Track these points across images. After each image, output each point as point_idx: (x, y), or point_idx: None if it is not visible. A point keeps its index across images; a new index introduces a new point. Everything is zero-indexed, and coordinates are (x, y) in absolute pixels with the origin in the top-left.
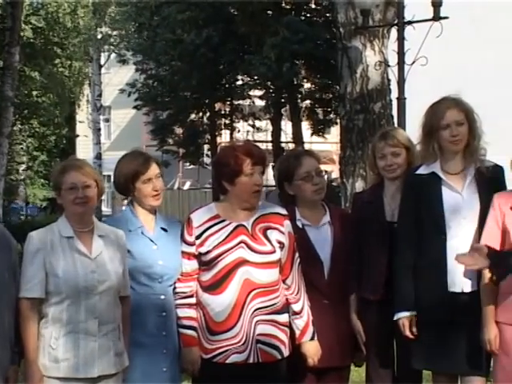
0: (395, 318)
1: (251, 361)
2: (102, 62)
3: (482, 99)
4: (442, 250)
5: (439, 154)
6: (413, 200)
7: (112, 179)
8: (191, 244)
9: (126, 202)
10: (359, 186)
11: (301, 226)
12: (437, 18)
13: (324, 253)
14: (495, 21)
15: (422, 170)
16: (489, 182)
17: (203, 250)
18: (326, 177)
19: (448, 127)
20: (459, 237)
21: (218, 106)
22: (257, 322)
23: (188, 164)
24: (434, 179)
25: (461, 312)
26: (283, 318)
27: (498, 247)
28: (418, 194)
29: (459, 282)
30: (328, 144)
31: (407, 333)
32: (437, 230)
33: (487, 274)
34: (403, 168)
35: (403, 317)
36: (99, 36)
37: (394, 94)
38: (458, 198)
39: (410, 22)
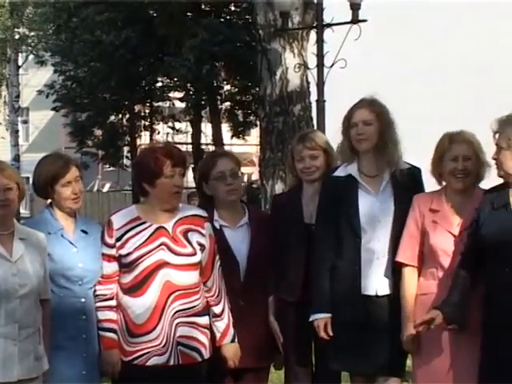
0: (311, 319)
1: (171, 363)
2: (20, 62)
3: (401, 100)
4: (356, 252)
5: (357, 157)
6: (330, 202)
7: (31, 181)
8: (111, 246)
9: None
10: (279, 187)
11: (218, 227)
12: (355, 20)
13: (241, 254)
14: (414, 22)
15: (339, 172)
16: (405, 184)
17: (124, 252)
18: (245, 178)
19: (355, 126)
20: (374, 240)
21: (137, 107)
22: (177, 324)
23: (107, 166)
24: (350, 182)
25: (375, 315)
26: (204, 320)
27: (417, 248)
28: (335, 196)
29: (373, 285)
30: (248, 146)
31: (322, 334)
32: (352, 233)
33: (406, 277)
34: (321, 170)
35: (318, 318)
36: (17, 36)
37: (314, 97)
38: (374, 201)
39: (328, 25)
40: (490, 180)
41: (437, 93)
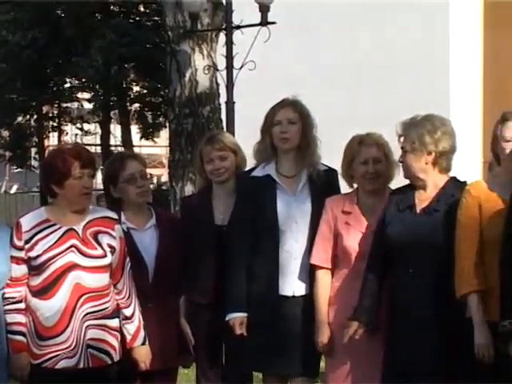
0: (227, 319)
1: (81, 366)
2: None
3: (310, 102)
4: (274, 253)
5: (275, 158)
6: (247, 202)
7: None
8: (20, 249)
9: None
10: (188, 189)
11: (126, 230)
12: (264, 22)
13: (149, 256)
14: (323, 24)
15: (257, 172)
16: (322, 185)
17: (33, 254)
18: (154, 180)
19: (279, 123)
20: (291, 240)
21: (45, 108)
22: (87, 326)
23: (15, 167)
24: (268, 182)
25: (291, 315)
26: (114, 322)
27: (330, 250)
28: (253, 196)
29: (290, 285)
30: (157, 148)
31: (238, 332)
32: (270, 234)
33: (320, 279)
34: (231, 172)
35: (234, 317)
36: None
37: (223, 98)
38: (292, 202)
39: (238, 27)
40: (399, 180)
41: (346, 94)
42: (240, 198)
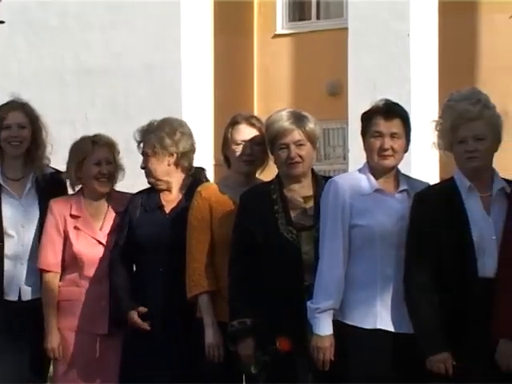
0: None
1: None
2: None
3: (39, 105)
4: None
5: (1, 160)
6: None
7: None
8: None
9: None
10: None
11: None
12: None
13: None
14: (53, 25)
15: None
16: (49, 188)
17: None
18: None
19: (9, 128)
20: (18, 244)
21: None
22: None
23: None
24: None
25: (17, 320)
26: None
27: (59, 254)
28: None
29: (15, 290)
30: None
31: None
32: None
33: (48, 283)
34: None
35: None
36: None
37: None
38: (18, 206)
39: None
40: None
41: (76, 96)
42: None
